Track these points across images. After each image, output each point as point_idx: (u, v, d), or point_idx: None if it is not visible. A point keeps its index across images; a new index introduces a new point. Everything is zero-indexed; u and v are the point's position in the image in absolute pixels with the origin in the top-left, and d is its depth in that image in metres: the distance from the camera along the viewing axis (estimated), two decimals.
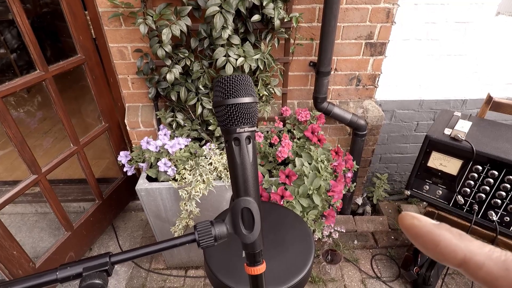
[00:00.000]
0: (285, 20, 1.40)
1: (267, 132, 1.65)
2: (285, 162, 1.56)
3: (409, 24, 1.61)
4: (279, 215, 1.16)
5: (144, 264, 1.89)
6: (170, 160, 1.43)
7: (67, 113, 1.58)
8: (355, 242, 1.97)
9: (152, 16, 1.38)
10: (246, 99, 0.42)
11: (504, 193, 1.23)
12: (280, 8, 1.37)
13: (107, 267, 0.39)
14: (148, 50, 1.57)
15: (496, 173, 1.23)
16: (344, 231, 1.92)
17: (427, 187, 1.41)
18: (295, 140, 1.58)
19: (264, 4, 1.34)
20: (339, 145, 1.60)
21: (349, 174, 1.48)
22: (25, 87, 1.37)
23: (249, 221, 0.44)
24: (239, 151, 0.43)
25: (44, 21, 3.32)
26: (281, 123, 1.66)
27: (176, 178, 1.41)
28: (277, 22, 1.36)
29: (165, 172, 1.43)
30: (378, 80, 1.75)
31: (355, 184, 1.64)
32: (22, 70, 3.29)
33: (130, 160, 1.57)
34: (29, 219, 2.19)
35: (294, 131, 1.63)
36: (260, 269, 0.46)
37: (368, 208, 2.19)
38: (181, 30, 1.35)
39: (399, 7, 1.55)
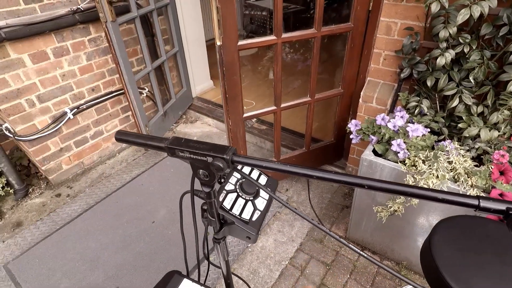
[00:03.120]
0: None
1: None
2: None
3: None
4: None
5: (326, 224, 2.07)
6: (405, 143, 1.42)
7: (316, 69, 1.81)
8: None
9: None
10: None
11: None
12: None
13: None
14: (420, 29, 1.54)
15: None
16: None
17: None
18: None
19: None
20: None
21: None
22: (300, 39, 1.66)
23: None
24: None
25: None
26: None
27: (405, 162, 1.39)
28: None
29: (396, 152, 1.44)
30: None
31: None
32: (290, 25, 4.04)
33: (359, 130, 1.67)
34: (250, 147, 2.78)
35: None
36: None
37: None
38: (481, 12, 1.22)
39: None
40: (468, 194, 1.25)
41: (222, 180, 0.67)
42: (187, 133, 3.01)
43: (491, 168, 1.20)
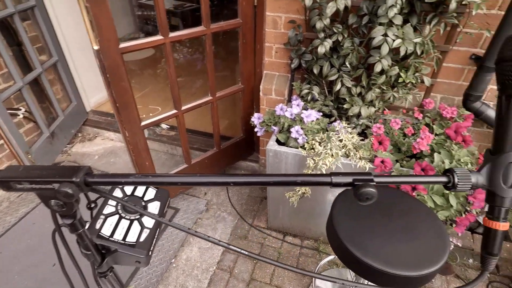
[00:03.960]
0: (463, 2, 1.27)
1: (402, 121, 1.57)
2: (415, 156, 1.48)
3: None
4: (410, 204, 1.12)
5: (248, 219, 2.08)
6: (302, 128, 1.51)
7: (213, 67, 1.79)
8: (470, 260, 1.77)
9: None
10: None
11: None
12: None
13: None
14: (301, 22, 1.64)
15: None
16: (460, 245, 1.74)
17: None
18: (433, 135, 1.47)
19: None
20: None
21: None
22: (189, 38, 1.61)
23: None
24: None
25: None
26: (421, 115, 1.55)
27: (304, 146, 1.48)
28: (453, 5, 1.24)
29: (296, 139, 1.51)
30: None
31: None
32: (188, 23, 3.90)
33: (262, 122, 1.71)
34: (161, 156, 2.62)
35: (434, 126, 1.51)
36: (504, 226, 0.47)
37: None
38: (345, 5, 1.36)
39: None
40: (354, 169, 1.40)
41: (92, 205, 0.58)
42: (86, 153, 2.66)
43: (372, 140, 1.36)
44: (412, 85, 1.52)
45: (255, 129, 1.74)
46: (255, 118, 1.73)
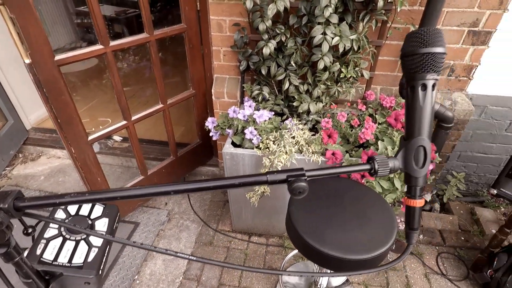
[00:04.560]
0: (389, 0, 1.39)
1: (348, 114, 1.67)
2: (363, 145, 1.58)
3: None
4: (360, 191, 1.20)
5: (212, 224, 2.06)
6: (255, 129, 1.53)
7: (161, 74, 1.75)
8: (420, 236, 1.93)
9: None
10: (440, 49, 0.47)
11: None
12: None
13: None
14: (246, 25, 1.67)
15: None
16: None
17: None
18: (377, 124, 1.58)
19: None
20: None
21: (431, 166, 1.45)
22: (132, 46, 1.56)
23: (422, 158, 0.50)
24: (424, 96, 0.49)
25: None
26: (364, 106, 1.66)
27: (260, 146, 1.51)
28: (380, 3, 1.35)
29: (250, 140, 1.54)
30: (474, 72, 1.66)
31: (433, 177, 1.61)
32: (134, 30, 3.73)
33: (216, 126, 1.71)
34: (116, 170, 2.49)
35: (376, 116, 1.62)
36: (420, 202, 0.52)
37: (437, 206, 2.11)
38: (284, 6, 1.41)
39: None
40: (289, 168, 1.46)
41: (30, 231, 0.54)
42: (29, 175, 2.44)
43: (322, 134, 1.43)
44: (354, 79, 1.62)
45: (210, 134, 1.73)
46: (209, 123, 1.72)
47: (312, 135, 1.55)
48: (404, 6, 1.41)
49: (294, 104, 1.63)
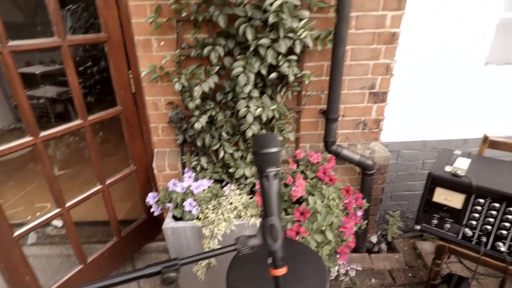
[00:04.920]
0: (298, 75, 1.63)
1: (282, 173, 1.79)
2: (299, 201, 1.69)
3: (405, 76, 1.83)
4: (294, 249, 1.26)
5: None
6: (194, 200, 1.57)
7: (98, 155, 1.77)
8: (372, 280, 1.99)
9: (185, 75, 1.63)
10: (273, 149, 0.61)
11: (508, 224, 1.32)
12: (294, 66, 1.60)
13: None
14: (179, 102, 1.80)
15: (497, 205, 1.33)
16: (361, 269, 1.96)
17: (435, 221, 1.50)
18: (308, 180, 1.72)
19: (279, 64, 1.57)
20: (349, 184, 1.72)
21: (359, 212, 1.58)
22: (65, 133, 1.58)
23: (275, 234, 0.60)
24: (268, 184, 0.61)
25: (91, 75, 3.72)
26: (295, 164, 1.81)
27: (199, 217, 1.54)
28: (291, 78, 1.58)
29: (190, 211, 1.56)
30: (382, 124, 1.93)
31: (366, 221, 1.74)
32: (68, 116, 3.71)
33: (157, 201, 1.72)
34: (54, 261, 2.28)
35: (307, 172, 1.77)
36: (281, 271, 0.61)
37: (384, 246, 2.22)
38: (209, 87, 1.57)
39: (396, 62, 1.77)
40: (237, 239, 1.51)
41: None
42: None
43: (256, 197, 1.51)
44: (282, 142, 1.78)
45: (151, 209, 1.72)
46: (150, 198, 1.73)
47: (250, 198, 1.63)
48: (312, 78, 1.66)
49: (230, 170, 1.72)
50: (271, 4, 1.36)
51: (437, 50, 1.80)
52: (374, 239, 2.27)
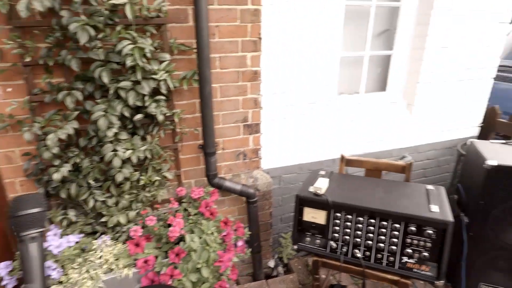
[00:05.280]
0: (167, 114, 1.64)
1: (164, 213, 1.74)
2: (183, 239, 1.64)
3: (273, 108, 2.03)
4: None
5: None
6: (56, 261, 1.38)
7: None
8: None
9: (39, 123, 1.48)
10: (32, 210, 0.58)
11: (359, 232, 1.52)
12: (163, 106, 1.61)
13: None
14: (36, 152, 1.61)
15: (350, 217, 1.52)
16: None
17: (308, 238, 1.64)
18: (190, 217, 1.70)
19: (146, 105, 1.57)
20: (227, 216, 1.75)
21: (240, 242, 1.62)
22: None
23: None
24: (25, 248, 0.57)
25: None
26: (176, 203, 1.77)
27: (61, 280, 1.35)
28: (160, 118, 1.58)
29: (49, 276, 1.36)
30: (260, 153, 2.07)
31: (250, 249, 1.78)
32: None
33: (11, 271, 1.45)
34: None
35: (189, 209, 1.75)
36: None
37: (281, 269, 2.30)
38: (67, 134, 1.46)
39: (262, 96, 1.96)
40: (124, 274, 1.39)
41: None
42: None
43: (128, 245, 1.42)
44: (161, 181, 1.74)
45: (3, 283, 1.44)
46: (2, 269, 1.45)
47: (126, 247, 1.51)
48: (183, 116, 1.70)
49: (103, 219, 1.59)
50: (122, 49, 1.37)
51: (298, 83, 2.06)
52: (271, 263, 2.34)
